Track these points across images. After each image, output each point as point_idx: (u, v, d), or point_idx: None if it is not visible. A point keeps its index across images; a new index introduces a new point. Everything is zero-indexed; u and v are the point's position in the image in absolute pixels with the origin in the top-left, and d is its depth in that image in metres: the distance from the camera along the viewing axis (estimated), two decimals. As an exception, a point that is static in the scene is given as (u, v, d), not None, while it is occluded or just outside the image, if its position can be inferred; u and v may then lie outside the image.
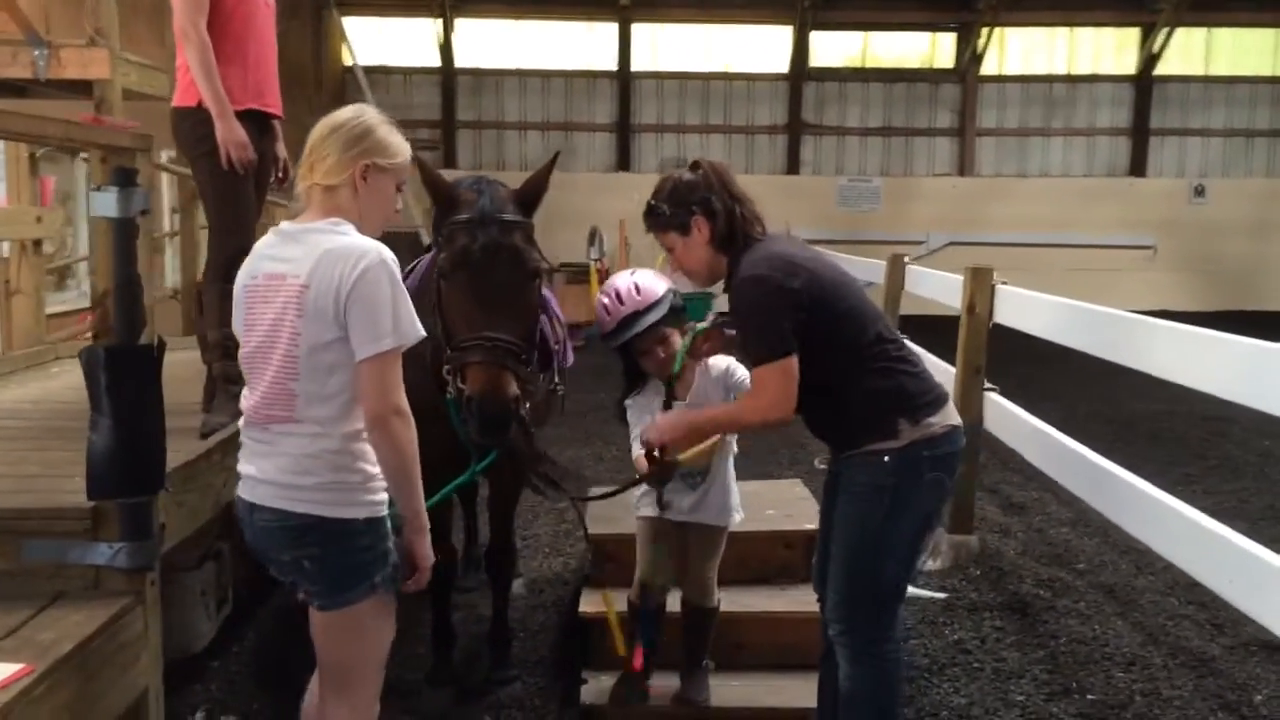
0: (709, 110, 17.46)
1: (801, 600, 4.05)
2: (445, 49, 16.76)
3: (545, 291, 4.39)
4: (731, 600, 3.96)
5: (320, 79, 15.48)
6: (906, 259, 7.68)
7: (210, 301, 3.86)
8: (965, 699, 3.97)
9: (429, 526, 2.55)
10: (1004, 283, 5.12)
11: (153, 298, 2.77)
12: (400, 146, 2.61)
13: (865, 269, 8.21)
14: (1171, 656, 4.24)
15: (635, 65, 17.15)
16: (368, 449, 2.45)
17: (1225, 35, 17.68)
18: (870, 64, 17.78)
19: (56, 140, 3.20)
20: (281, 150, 4.15)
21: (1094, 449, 4.27)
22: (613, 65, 17.11)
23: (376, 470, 2.46)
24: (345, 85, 16.35)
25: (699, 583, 3.72)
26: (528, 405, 3.15)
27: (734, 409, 3.20)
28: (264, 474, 2.45)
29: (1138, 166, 17.74)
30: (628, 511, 4.50)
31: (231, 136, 3.72)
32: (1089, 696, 3.94)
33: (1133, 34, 17.59)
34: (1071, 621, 4.57)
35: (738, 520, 3.68)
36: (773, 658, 3.93)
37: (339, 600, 2.47)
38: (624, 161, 17.24)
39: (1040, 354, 7.13)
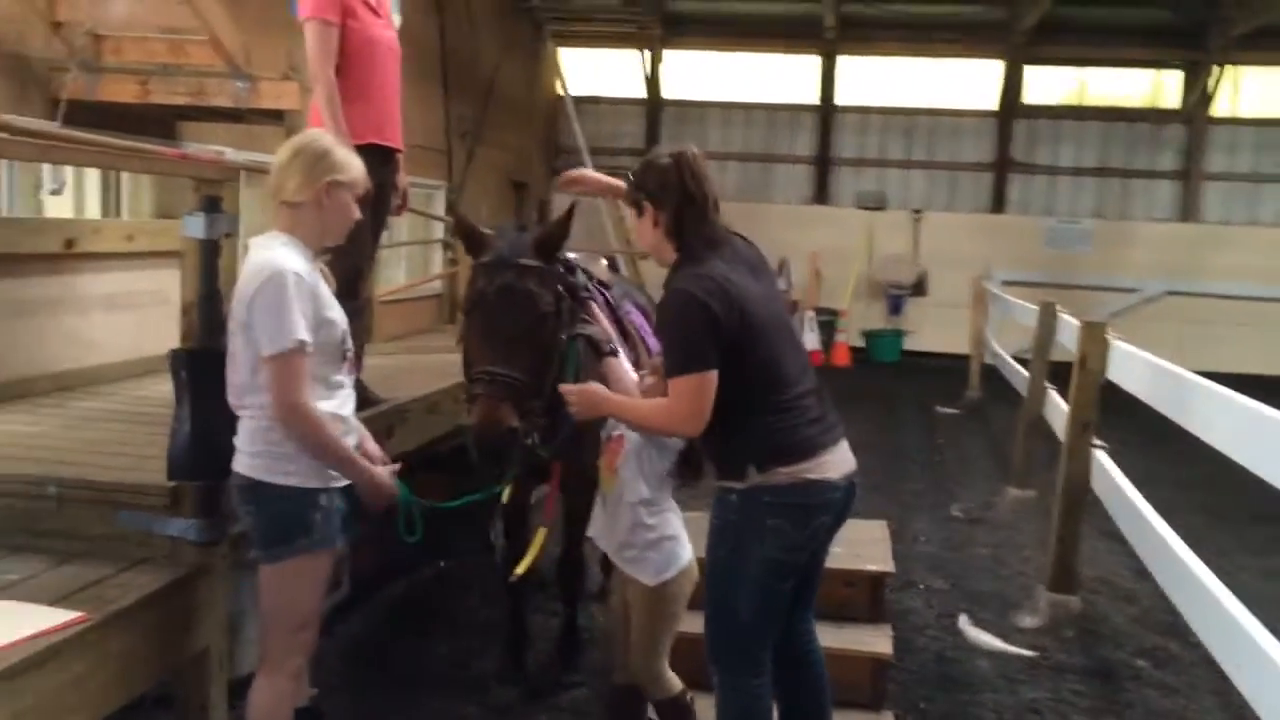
0: (912, 145, 17.24)
1: (851, 639, 4.11)
2: (652, 81, 17.32)
3: (637, 318, 4.64)
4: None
5: (533, 108, 16.31)
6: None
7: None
8: (1014, 757, 3.92)
9: (361, 471, 3.02)
10: (1119, 338, 4.95)
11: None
12: (355, 163, 3.01)
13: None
14: (1251, 740, 4.02)
15: (838, 99, 17.15)
16: None
17: None
18: (1088, 102, 17.07)
19: (156, 172, 3.72)
20: (402, 180, 4.56)
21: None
22: (815, 99, 17.18)
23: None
24: (557, 114, 17.15)
25: (636, 657, 3.44)
26: (534, 435, 3.40)
27: (648, 407, 3.13)
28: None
29: (1390, 219, 16.26)
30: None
31: None
32: (1141, 769, 3.81)
33: (1391, 75, 16.16)
34: (1154, 693, 4.39)
35: (663, 578, 3.30)
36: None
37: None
38: (821, 195, 17.26)
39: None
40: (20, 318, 4.54)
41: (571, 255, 4.36)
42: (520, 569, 3.85)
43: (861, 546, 4.53)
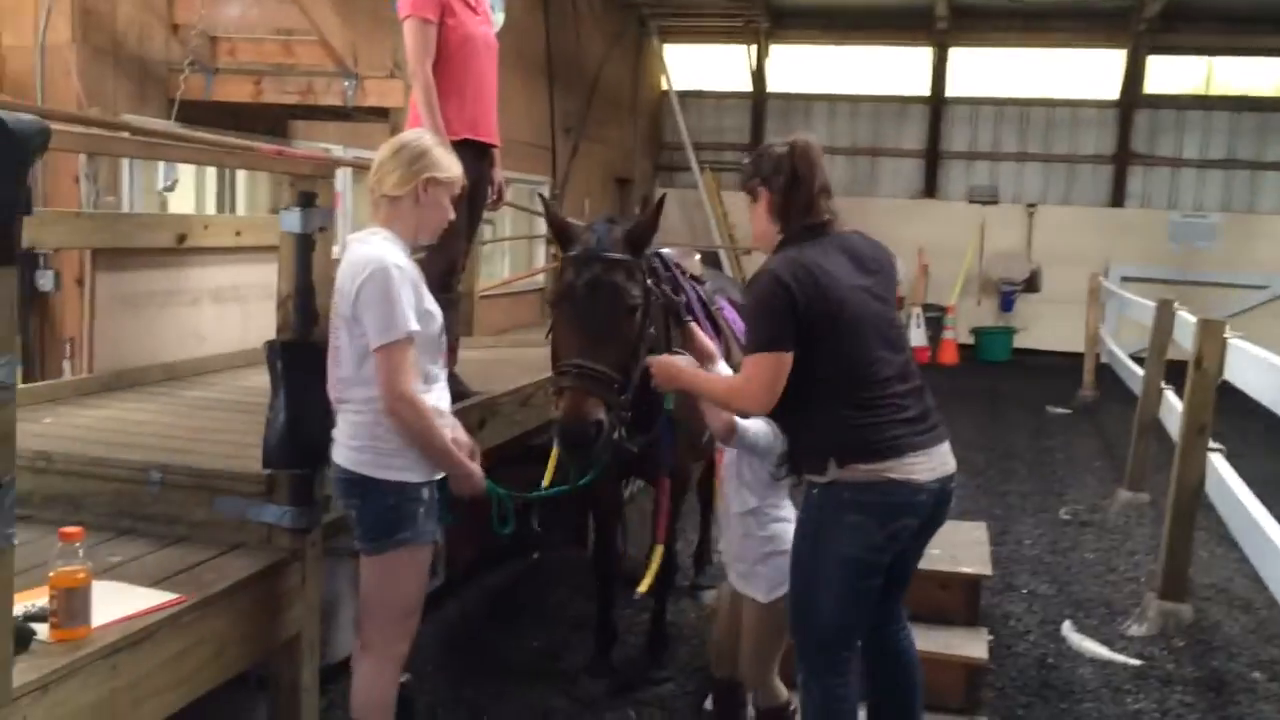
0: (1027, 138, 16.72)
1: (945, 643, 4.01)
2: (758, 74, 17.15)
3: (730, 313, 4.61)
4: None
5: (637, 103, 16.33)
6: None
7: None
8: (1117, 770, 3.77)
9: (458, 465, 3.04)
10: (1239, 337, 4.71)
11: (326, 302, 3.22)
12: (454, 163, 3.08)
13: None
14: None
15: (949, 90, 16.75)
16: None
17: None
18: (1215, 91, 16.33)
19: (255, 168, 3.83)
20: (498, 175, 4.60)
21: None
22: (925, 90, 16.80)
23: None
24: (660, 109, 17.14)
25: (748, 668, 3.47)
26: (620, 430, 3.39)
27: (722, 384, 3.18)
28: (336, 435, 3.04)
29: None
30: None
31: None
32: (1252, 789, 3.63)
33: None
34: (1268, 707, 4.18)
35: (775, 595, 3.25)
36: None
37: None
38: (930, 188, 16.87)
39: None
40: (135, 310, 4.73)
41: (665, 250, 4.36)
42: (642, 588, 3.89)
43: (959, 548, 4.41)
